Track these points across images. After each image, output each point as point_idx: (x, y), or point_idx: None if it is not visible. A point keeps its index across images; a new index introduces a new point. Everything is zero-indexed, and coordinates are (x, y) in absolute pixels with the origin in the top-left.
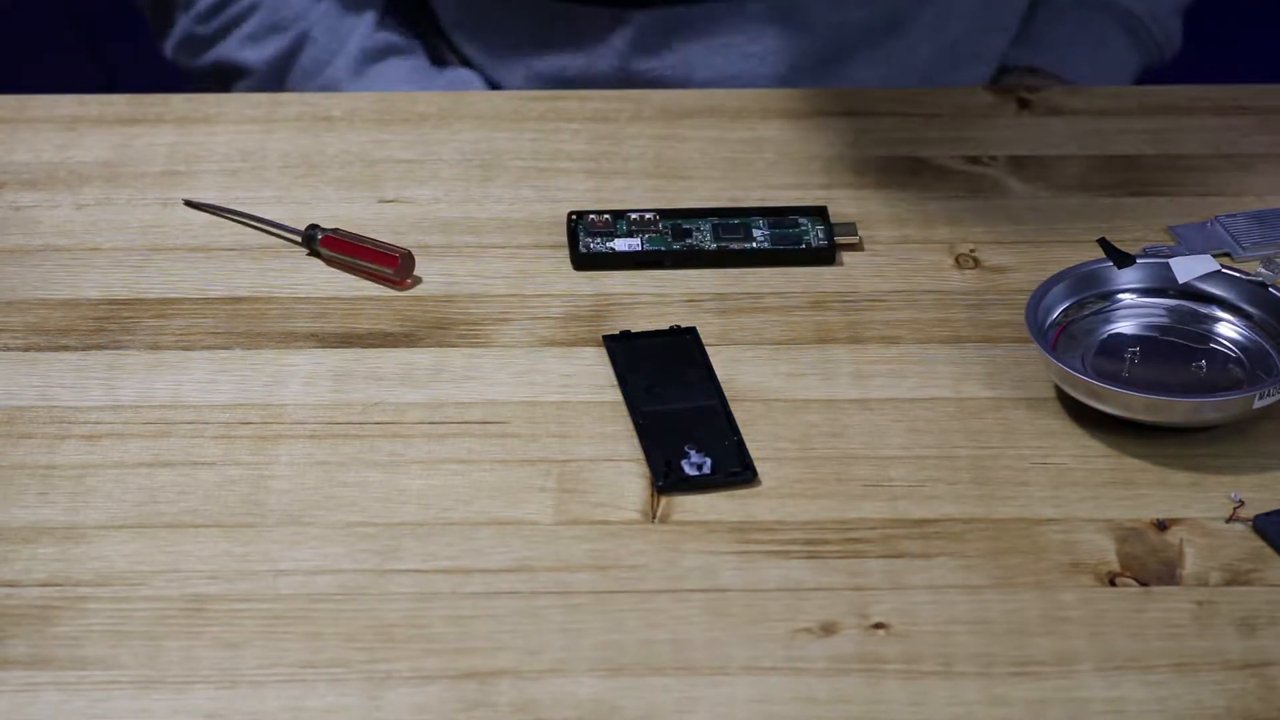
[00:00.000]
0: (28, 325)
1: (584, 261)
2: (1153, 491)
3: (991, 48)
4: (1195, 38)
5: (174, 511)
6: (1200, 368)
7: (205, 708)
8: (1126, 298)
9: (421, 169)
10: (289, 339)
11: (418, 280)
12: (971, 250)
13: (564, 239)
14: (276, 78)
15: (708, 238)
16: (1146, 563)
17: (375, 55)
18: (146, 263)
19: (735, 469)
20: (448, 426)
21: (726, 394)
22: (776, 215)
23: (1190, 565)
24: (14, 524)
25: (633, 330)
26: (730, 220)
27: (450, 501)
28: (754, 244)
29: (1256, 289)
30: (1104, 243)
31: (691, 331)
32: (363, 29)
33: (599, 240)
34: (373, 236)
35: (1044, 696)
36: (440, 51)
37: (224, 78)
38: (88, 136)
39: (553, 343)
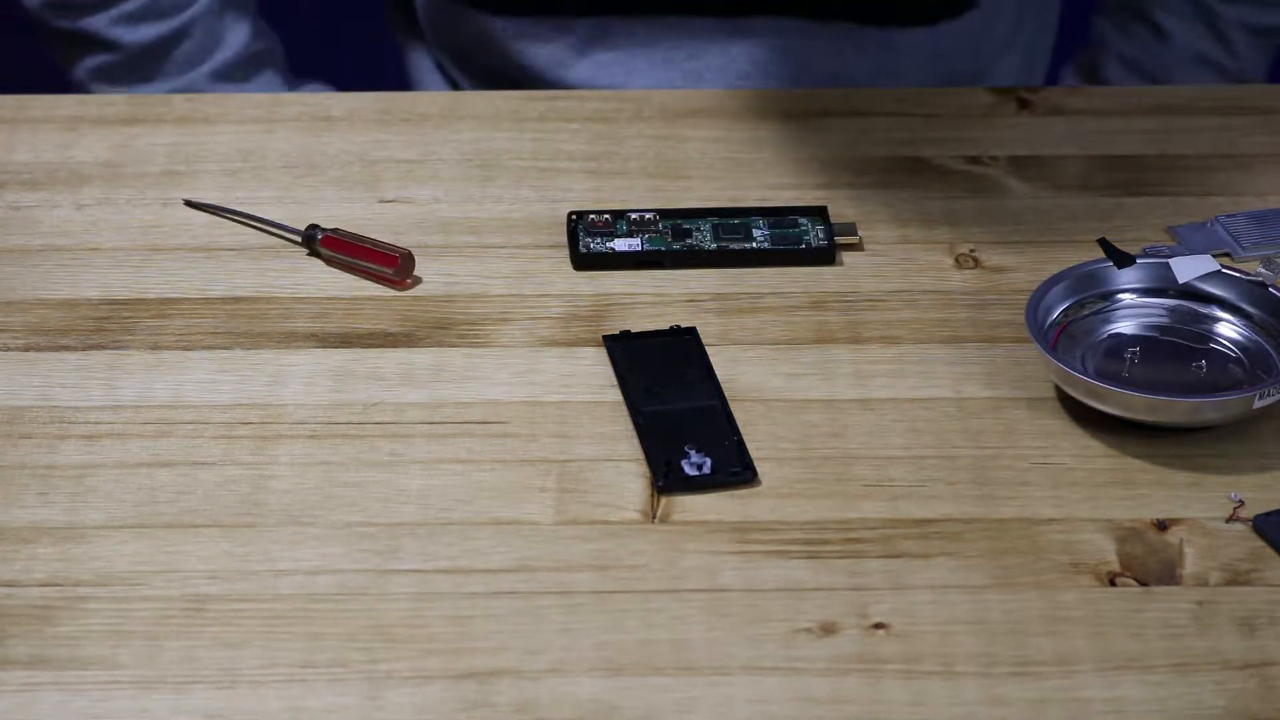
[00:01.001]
0: (28, 325)
1: (584, 261)
2: (1153, 491)
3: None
4: None
5: (174, 511)
6: (1200, 368)
7: (205, 708)
8: (1126, 298)
9: (421, 169)
10: (289, 339)
11: (418, 280)
12: (971, 250)
13: (564, 239)
14: (143, 63)
15: (708, 238)
16: (1146, 563)
17: (246, 65)
18: (146, 263)
19: (735, 469)
20: (448, 426)
21: (726, 394)
22: (776, 215)
23: (1190, 565)
24: (14, 524)
25: (633, 330)
26: (730, 220)
27: (450, 501)
28: (754, 244)
29: (1256, 289)
30: (1104, 243)
31: (691, 331)
32: (240, 36)
33: (599, 240)
34: (373, 236)
35: (1044, 696)
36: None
37: (82, 45)
38: (88, 136)
39: (553, 343)
